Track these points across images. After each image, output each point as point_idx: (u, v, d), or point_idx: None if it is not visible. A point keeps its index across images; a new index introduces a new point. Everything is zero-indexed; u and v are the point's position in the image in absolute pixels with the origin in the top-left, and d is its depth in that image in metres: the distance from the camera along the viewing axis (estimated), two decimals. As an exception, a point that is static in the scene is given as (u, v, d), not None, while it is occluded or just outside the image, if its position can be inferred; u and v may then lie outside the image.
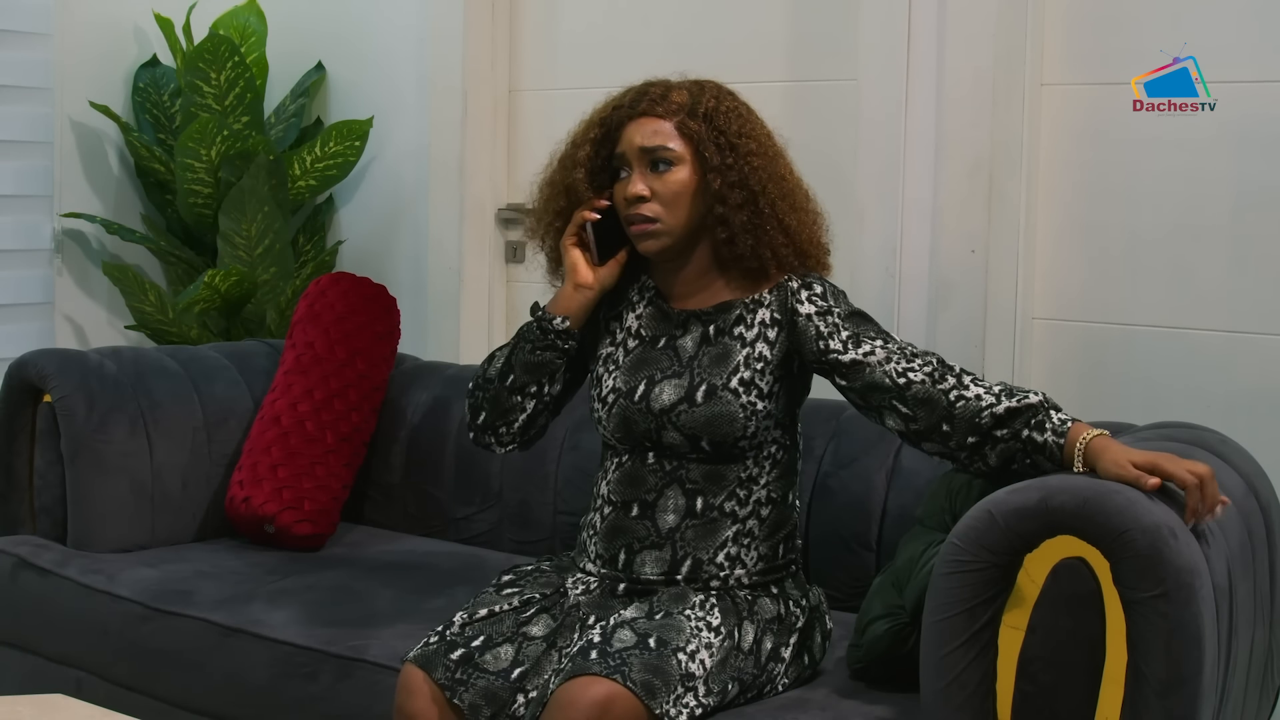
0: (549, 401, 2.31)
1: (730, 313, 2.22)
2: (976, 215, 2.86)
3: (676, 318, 2.26)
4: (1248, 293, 2.67)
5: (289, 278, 3.63)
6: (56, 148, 3.69)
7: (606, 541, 2.24)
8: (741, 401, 2.16)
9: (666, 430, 2.19)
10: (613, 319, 2.32)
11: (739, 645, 2.11)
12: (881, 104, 2.96)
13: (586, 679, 1.95)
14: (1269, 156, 2.64)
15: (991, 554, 1.80)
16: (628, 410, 2.22)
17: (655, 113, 2.20)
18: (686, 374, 2.20)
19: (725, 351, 2.20)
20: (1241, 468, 2.19)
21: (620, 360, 2.27)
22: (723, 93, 2.24)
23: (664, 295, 2.29)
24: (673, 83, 2.25)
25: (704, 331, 2.23)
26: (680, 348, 2.23)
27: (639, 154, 2.19)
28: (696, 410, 2.17)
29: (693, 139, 2.18)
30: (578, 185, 2.25)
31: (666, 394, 2.19)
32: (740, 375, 2.18)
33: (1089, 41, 2.80)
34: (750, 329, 2.20)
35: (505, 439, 2.32)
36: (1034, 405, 2.02)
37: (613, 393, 2.24)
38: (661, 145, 2.18)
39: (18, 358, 2.97)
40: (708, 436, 2.17)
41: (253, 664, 2.46)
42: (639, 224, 2.20)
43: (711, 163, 2.17)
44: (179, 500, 3.00)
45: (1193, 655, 1.73)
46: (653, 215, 2.18)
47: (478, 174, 3.59)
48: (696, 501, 2.20)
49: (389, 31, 3.73)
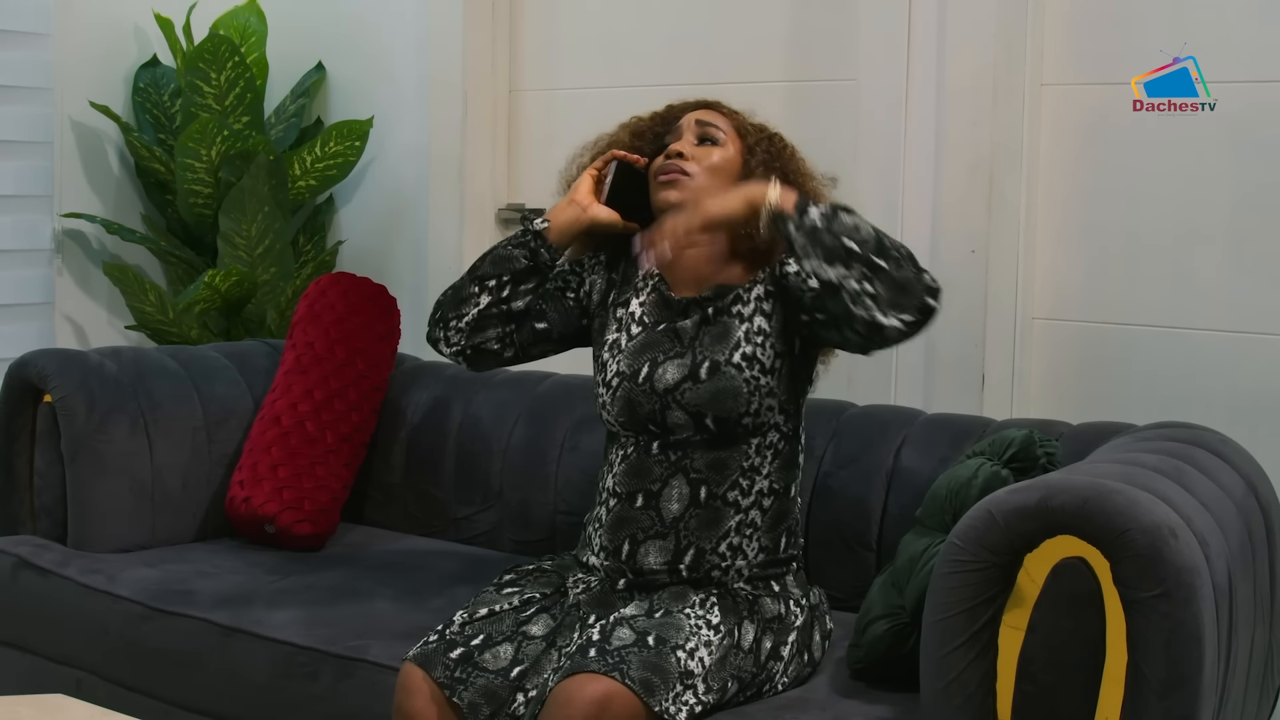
0: (505, 310, 2.33)
1: (727, 295, 2.26)
2: (976, 215, 2.86)
3: (678, 305, 2.30)
4: (1248, 293, 2.68)
5: (289, 278, 3.64)
6: (57, 148, 3.69)
7: (611, 533, 2.25)
8: (745, 376, 2.19)
9: (671, 410, 2.21)
10: (619, 305, 2.34)
11: (739, 644, 2.12)
12: (881, 104, 2.96)
13: (585, 676, 1.95)
14: (1269, 156, 2.64)
15: (991, 554, 1.80)
16: (632, 392, 2.24)
17: (719, 109, 2.36)
18: (689, 353, 2.23)
19: (725, 329, 2.24)
20: (1241, 468, 2.19)
21: (624, 345, 2.30)
22: (766, 127, 2.37)
23: (667, 284, 2.32)
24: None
25: (703, 314, 2.27)
26: (681, 329, 2.27)
27: (693, 125, 2.32)
28: (701, 387, 2.19)
29: (744, 135, 2.32)
30: (620, 139, 2.37)
31: (670, 373, 2.22)
32: (742, 350, 2.21)
33: (1089, 41, 2.80)
34: (748, 305, 2.25)
35: (453, 338, 2.35)
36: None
37: (616, 376, 2.27)
38: (715, 124, 2.31)
39: (18, 358, 2.97)
40: (712, 413, 2.19)
41: (253, 664, 2.46)
42: (671, 171, 2.28)
43: (757, 158, 2.28)
44: (179, 500, 3.00)
45: (1193, 655, 1.73)
46: (689, 170, 2.27)
47: (478, 174, 3.59)
48: (700, 491, 2.21)
49: (389, 31, 3.73)
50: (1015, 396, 2.85)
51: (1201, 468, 2.07)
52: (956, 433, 2.54)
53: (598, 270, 2.41)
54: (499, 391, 3.09)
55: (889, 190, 2.94)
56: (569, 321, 2.39)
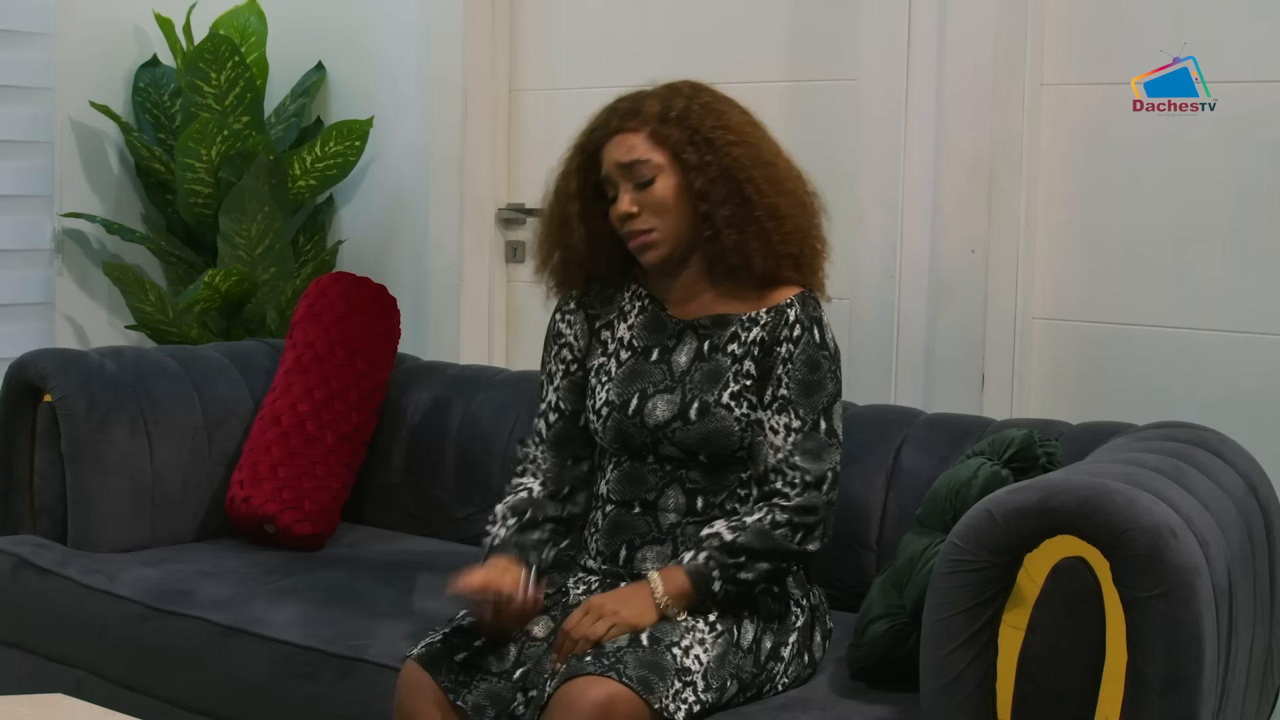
0: (562, 518, 2.30)
1: (726, 328, 2.23)
2: (976, 215, 2.86)
3: (673, 327, 2.26)
4: (1248, 293, 2.68)
5: (289, 277, 3.64)
6: (57, 148, 3.69)
7: (608, 538, 2.24)
8: (735, 415, 2.18)
9: (663, 444, 2.21)
10: (604, 328, 2.32)
11: (737, 642, 2.11)
12: (881, 104, 2.96)
13: (586, 680, 1.95)
14: (1269, 156, 2.64)
15: (991, 554, 1.80)
16: (623, 424, 2.23)
17: (628, 128, 2.20)
18: (679, 389, 2.21)
19: (716, 368, 2.21)
20: (1241, 467, 2.19)
21: (613, 371, 2.27)
22: (696, 90, 2.23)
23: (660, 303, 2.29)
24: (645, 92, 2.24)
25: (698, 346, 2.23)
26: (674, 362, 2.24)
27: (620, 171, 2.19)
28: (691, 428, 2.18)
29: (668, 144, 2.18)
30: (571, 219, 2.26)
31: (660, 410, 2.20)
32: (730, 389, 2.19)
33: (1089, 41, 2.80)
34: (741, 346, 2.21)
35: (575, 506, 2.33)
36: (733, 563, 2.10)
37: (606, 405, 2.25)
38: (638, 159, 2.18)
39: (18, 358, 2.97)
40: (705, 451, 2.19)
41: (253, 663, 2.46)
42: (636, 238, 2.20)
43: (691, 163, 2.17)
44: (179, 500, 3.00)
45: (1193, 655, 1.73)
46: (647, 227, 2.19)
47: (478, 174, 3.59)
48: (697, 501, 2.21)
49: (389, 31, 3.73)
50: (1015, 396, 2.85)
51: (1201, 468, 2.07)
52: (956, 433, 2.54)
53: (576, 319, 2.33)
54: (499, 391, 3.09)
55: (889, 190, 2.94)
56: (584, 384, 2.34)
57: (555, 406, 2.32)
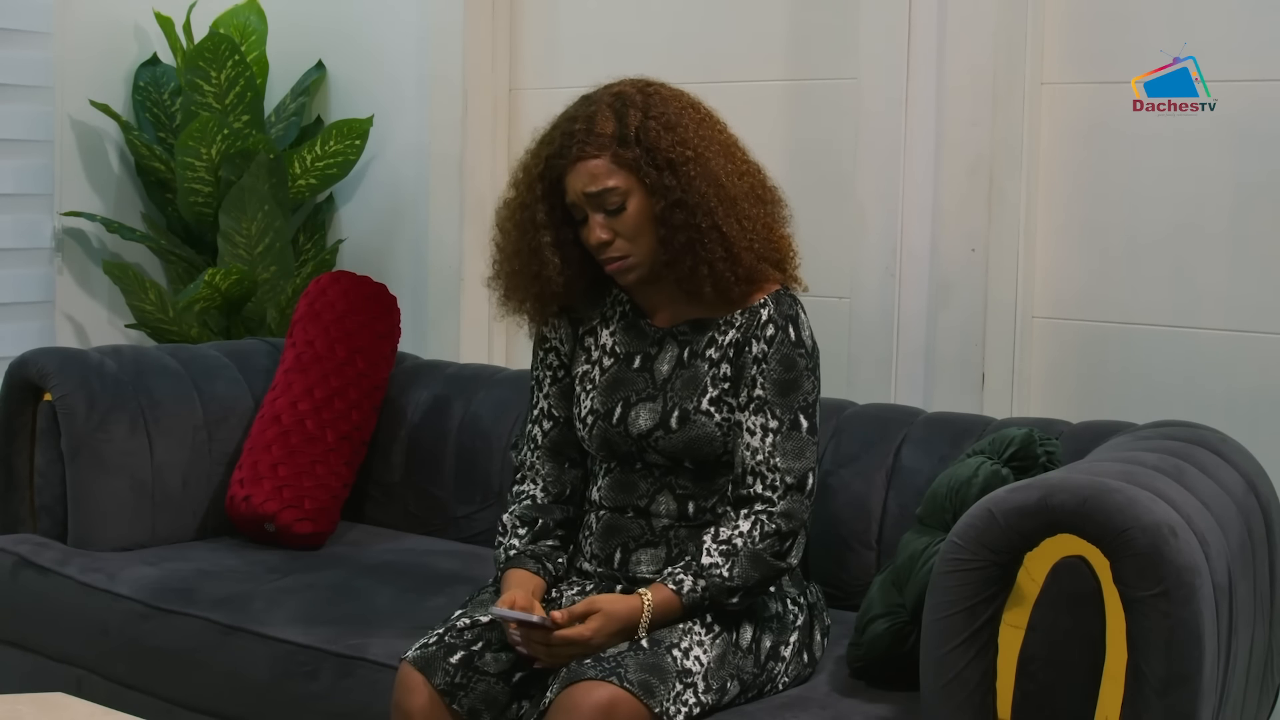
0: (565, 525, 2.30)
1: (704, 333, 2.23)
2: (976, 214, 2.86)
3: (653, 335, 2.27)
4: (1248, 293, 2.68)
5: (289, 276, 3.64)
6: (57, 146, 3.69)
7: (602, 541, 2.25)
8: (716, 421, 2.18)
9: (648, 452, 2.22)
10: (587, 334, 2.31)
11: (737, 643, 2.11)
12: (882, 103, 2.96)
13: (587, 684, 1.95)
14: (1269, 156, 2.64)
15: (992, 552, 1.81)
16: (607, 433, 2.23)
17: (586, 154, 2.15)
18: (660, 397, 2.21)
19: (695, 375, 2.21)
20: (1241, 466, 2.20)
21: (596, 379, 2.27)
22: (649, 100, 2.18)
23: (641, 311, 2.29)
24: (595, 108, 2.18)
25: (679, 354, 2.24)
26: (656, 370, 2.24)
27: (587, 201, 2.16)
28: (673, 436, 2.19)
29: (631, 168, 2.14)
30: (543, 250, 2.21)
31: (643, 419, 2.21)
32: (709, 395, 2.19)
33: (1089, 41, 2.80)
34: (719, 350, 2.21)
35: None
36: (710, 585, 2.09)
37: (591, 414, 2.25)
38: (604, 188, 2.14)
39: (18, 356, 2.97)
40: (689, 458, 2.20)
41: (253, 662, 2.46)
42: (612, 263, 2.19)
43: (653, 186, 2.14)
44: (179, 499, 3.00)
45: (1193, 654, 1.73)
46: (622, 253, 2.17)
47: (478, 172, 3.59)
48: (688, 506, 2.21)
49: (389, 30, 3.73)
50: (1015, 395, 2.85)
51: (1201, 466, 2.08)
52: (956, 431, 2.54)
53: (561, 323, 2.32)
54: (499, 390, 3.09)
55: (889, 190, 2.94)
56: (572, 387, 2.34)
57: (548, 414, 2.33)
